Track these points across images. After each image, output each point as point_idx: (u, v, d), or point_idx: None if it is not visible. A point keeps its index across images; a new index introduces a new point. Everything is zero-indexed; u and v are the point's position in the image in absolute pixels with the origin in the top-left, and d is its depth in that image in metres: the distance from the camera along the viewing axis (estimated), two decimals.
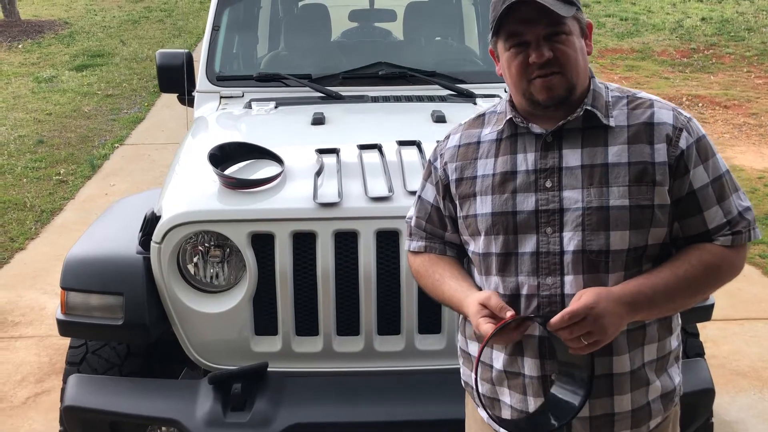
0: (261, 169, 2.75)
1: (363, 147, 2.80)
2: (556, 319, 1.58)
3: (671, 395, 1.81)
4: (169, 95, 4.16)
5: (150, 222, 2.64)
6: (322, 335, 2.57)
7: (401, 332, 2.58)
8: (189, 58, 3.75)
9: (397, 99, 3.54)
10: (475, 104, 3.48)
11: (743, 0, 14.74)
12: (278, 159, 2.75)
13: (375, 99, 3.54)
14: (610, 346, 1.68)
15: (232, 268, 2.60)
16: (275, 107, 3.47)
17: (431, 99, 3.52)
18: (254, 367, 2.49)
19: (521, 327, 1.66)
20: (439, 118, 3.17)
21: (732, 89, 9.95)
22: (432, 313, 2.57)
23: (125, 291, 2.58)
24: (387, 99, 3.54)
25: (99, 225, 3.11)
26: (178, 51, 3.80)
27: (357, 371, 2.59)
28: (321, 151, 2.78)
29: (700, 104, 9.32)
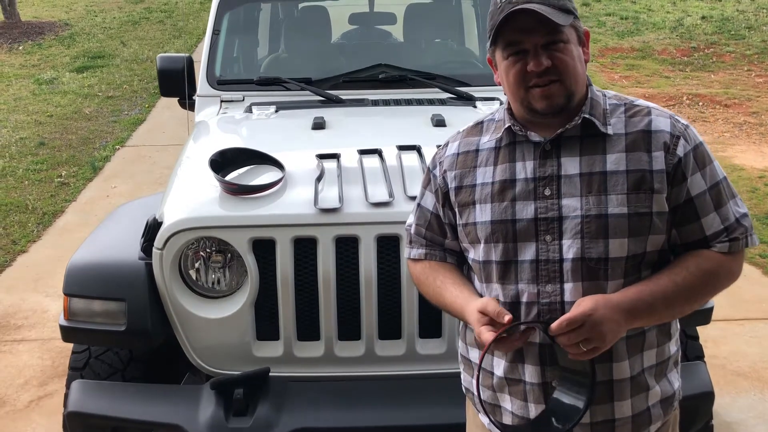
0: (262, 175, 2.76)
1: (363, 152, 2.81)
2: (555, 326, 1.60)
3: (671, 400, 1.83)
4: None
5: (152, 228, 2.65)
6: (324, 340, 2.59)
7: (402, 337, 2.59)
8: (189, 63, 3.76)
9: (397, 102, 3.55)
10: (475, 107, 3.49)
11: None
12: (279, 164, 2.76)
13: (375, 102, 3.55)
14: (610, 353, 1.69)
15: (234, 274, 2.62)
16: (276, 111, 3.49)
17: (431, 102, 3.54)
18: (256, 372, 2.50)
19: (523, 334, 1.67)
20: (439, 122, 3.18)
21: (732, 88, 9.95)
22: (433, 318, 2.58)
23: (127, 297, 2.60)
24: (387, 102, 3.55)
25: (101, 230, 3.13)
26: (179, 55, 3.80)
27: (358, 376, 2.60)
28: (321, 156, 2.79)
29: (701, 103, 9.32)
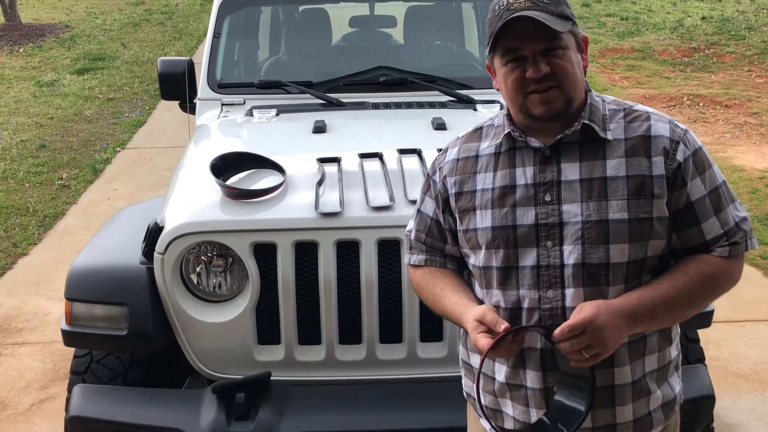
0: (263, 179, 2.76)
1: (364, 156, 2.81)
2: (557, 333, 1.60)
3: (672, 404, 1.83)
4: None
5: (153, 232, 2.66)
6: (325, 344, 2.59)
7: (403, 340, 2.60)
8: (190, 66, 3.76)
9: (398, 105, 3.55)
10: (476, 110, 3.49)
11: None
12: (280, 168, 2.77)
13: (376, 106, 3.55)
14: (612, 358, 1.69)
15: (235, 278, 2.62)
16: (276, 115, 3.49)
17: (431, 105, 3.54)
18: (257, 377, 2.50)
19: (519, 339, 1.67)
20: (440, 126, 3.18)
21: (733, 88, 9.95)
22: (434, 321, 2.58)
23: (129, 301, 2.61)
24: (387, 106, 3.55)
25: (102, 234, 3.13)
26: (180, 59, 3.80)
27: (359, 379, 2.60)
28: (322, 160, 2.79)
29: (701, 104, 9.31)
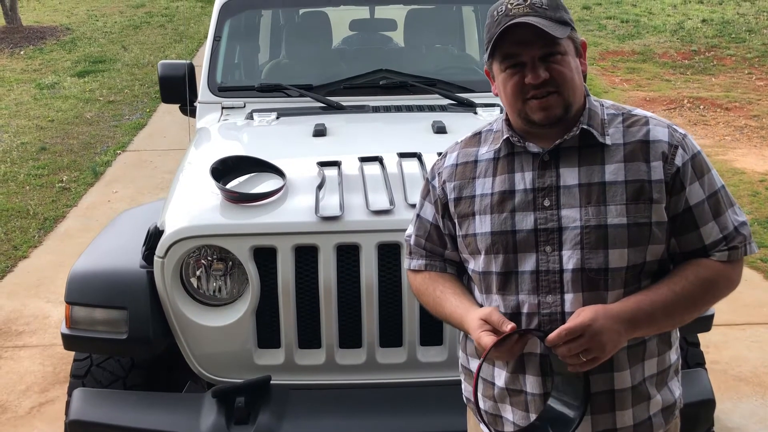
0: (263, 183, 2.76)
1: (364, 159, 2.82)
2: (554, 336, 1.60)
3: (672, 408, 1.83)
4: None
5: (153, 236, 2.66)
6: (325, 348, 2.59)
7: (403, 344, 2.60)
8: (191, 69, 3.76)
9: (398, 109, 3.55)
10: (476, 113, 3.49)
11: (744, 1, 14.74)
12: (280, 172, 2.77)
13: (376, 109, 3.55)
14: (611, 363, 1.69)
15: (235, 282, 2.62)
16: (277, 118, 3.49)
17: (432, 108, 3.54)
18: (257, 380, 2.51)
19: (522, 341, 1.67)
20: (440, 129, 3.18)
21: (733, 91, 9.95)
22: (434, 325, 2.58)
23: (129, 305, 2.61)
24: (388, 109, 3.55)
25: (102, 238, 3.14)
26: (180, 62, 3.81)
27: (359, 383, 2.60)
28: (322, 164, 2.79)
29: (701, 106, 9.32)
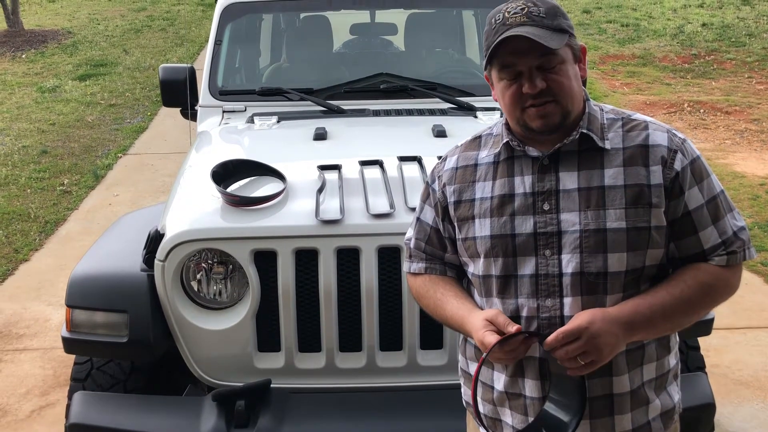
0: (263, 186, 2.77)
1: (364, 163, 2.82)
2: (551, 338, 1.61)
3: (671, 413, 1.83)
4: None
5: (154, 240, 2.66)
6: (325, 351, 2.59)
7: (403, 348, 2.60)
8: (192, 73, 3.78)
9: (398, 113, 3.56)
10: (476, 117, 3.50)
11: (744, 5, 14.75)
12: (280, 176, 2.77)
13: (376, 113, 3.56)
14: (610, 367, 1.70)
15: (235, 285, 2.63)
16: (277, 122, 3.50)
17: (432, 112, 3.54)
18: (257, 384, 2.51)
19: (526, 344, 1.67)
20: (440, 133, 3.18)
21: (733, 95, 9.95)
22: (434, 329, 2.58)
23: (129, 309, 2.61)
24: (388, 113, 3.56)
25: (103, 241, 3.14)
26: (181, 66, 3.82)
27: (359, 387, 2.60)
28: (323, 168, 2.80)
29: (702, 110, 9.32)
